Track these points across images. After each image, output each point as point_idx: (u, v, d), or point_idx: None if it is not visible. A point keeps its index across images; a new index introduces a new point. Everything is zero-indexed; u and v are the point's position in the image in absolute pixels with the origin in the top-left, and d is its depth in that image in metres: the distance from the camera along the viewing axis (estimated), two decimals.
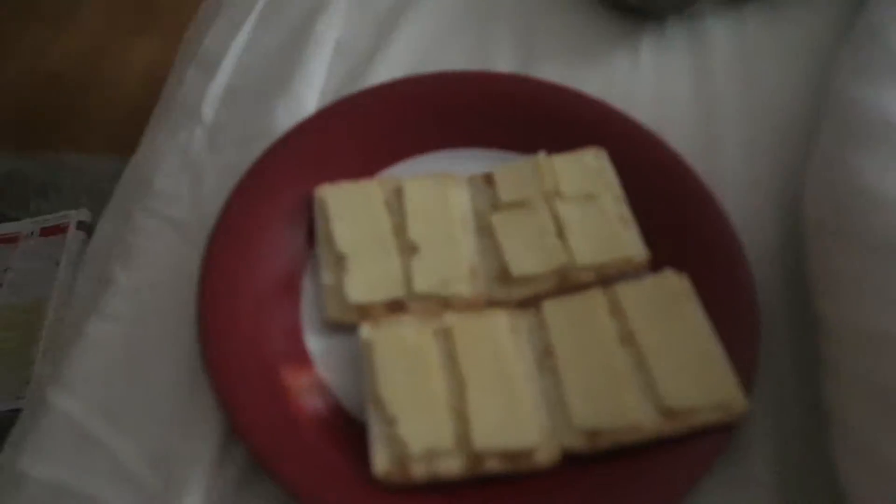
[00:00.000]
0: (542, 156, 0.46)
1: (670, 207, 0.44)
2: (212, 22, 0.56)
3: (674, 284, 0.41)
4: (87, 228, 0.99)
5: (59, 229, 0.99)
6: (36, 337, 0.87)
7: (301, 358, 0.39)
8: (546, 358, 0.39)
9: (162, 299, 0.42)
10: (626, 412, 0.36)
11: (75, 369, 0.40)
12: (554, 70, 0.51)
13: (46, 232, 0.99)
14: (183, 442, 0.37)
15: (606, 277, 0.42)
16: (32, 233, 0.99)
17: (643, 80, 0.52)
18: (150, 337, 0.41)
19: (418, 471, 0.35)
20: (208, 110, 0.50)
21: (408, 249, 0.43)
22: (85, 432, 0.38)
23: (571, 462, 0.36)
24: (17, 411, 0.79)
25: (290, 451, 0.35)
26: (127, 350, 0.41)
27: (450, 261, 0.42)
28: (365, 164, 0.46)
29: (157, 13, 1.41)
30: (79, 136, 1.22)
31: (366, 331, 0.39)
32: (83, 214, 0.99)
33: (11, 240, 0.99)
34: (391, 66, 0.52)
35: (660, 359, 0.38)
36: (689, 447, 0.36)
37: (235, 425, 0.35)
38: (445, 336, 0.39)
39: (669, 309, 0.40)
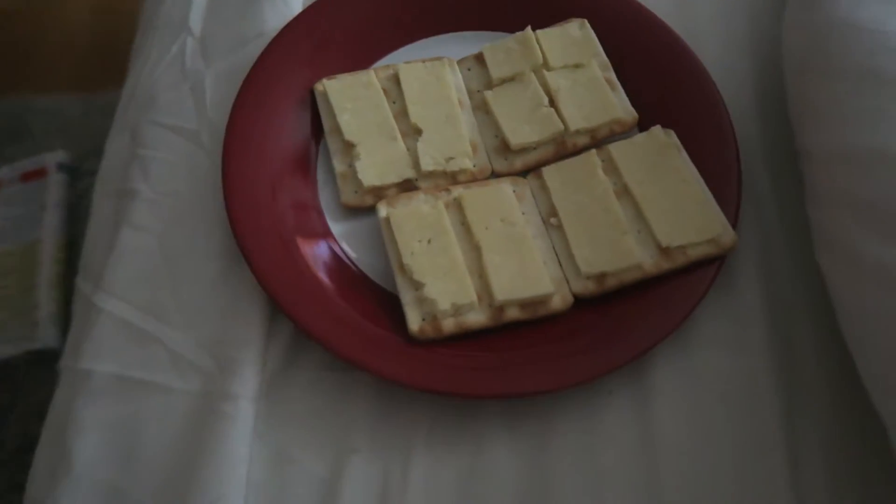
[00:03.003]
0: (528, 31, 0.47)
1: (653, 69, 0.47)
2: None
3: (662, 139, 0.44)
4: (68, 170, 1.00)
5: (39, 173, 0.99)
6: (34, 282, 0.89)
7: (329, 239, 0.43)
8: (551, 218, 0.43)
9: (186, 203, 0.45)
10: (628, 255, 0.40)
11: (116, 276, 0.43)
12: None
13: (26, 177, 0.99)
14: (231, 325, 0.40)
15: (599, 139, 0.45)
16: (12, 179, 0.99)
17: None
18: (182, 238, 0.43)
19: (448, 325, 0.39)
20: (196, 20, 0.51)
21: (411, 132, 0.45)
22: (137, 329, 0.41)
23: (583, 305, 0.41)
24: (30, 353, 0.83)
25: (333, 322, 0.39)
26: (163, 253, 0.43)
27: (452, 139, 0.45)
28: (360, 56, 0.48)
29: None
30: (41, 77, 1.20)
31: (383, 209, 0.42)
32: (61, 156, 0.99)
33: None
34: None
35: (653, 206, 0.42)
36: (686, 279, 0.40)
37: (280, 303, 0.39)
38: (456, 206, 0.42)
39: (659, 161, 0.43)
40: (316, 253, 0.42)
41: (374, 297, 0.41)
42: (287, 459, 0.38)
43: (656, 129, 0.44)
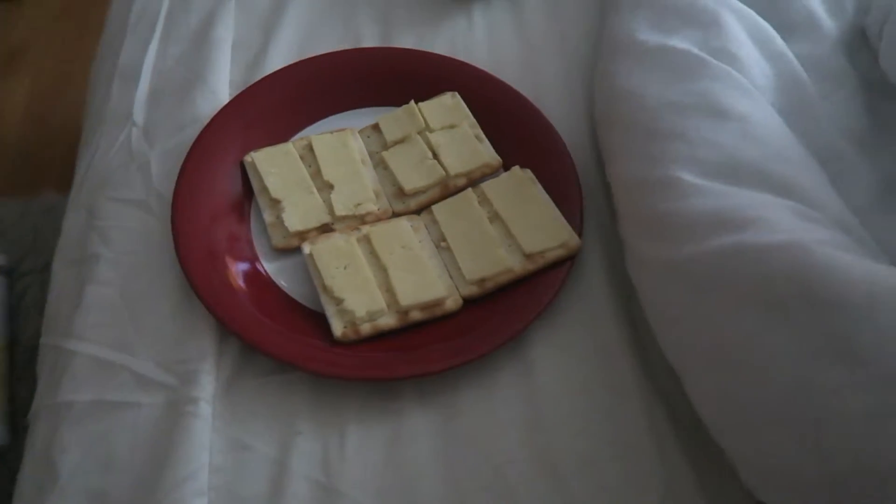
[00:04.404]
0: (412, 104, 0.61)
1: (510, 123, 0.60)
2: (121, 42, 0.67)
3: (521, 176, 0.57)
4: (6, 272, 1.05)
5: None
6: None
7: (264, 275, 0.53)
8: (441, 242, 0.54)
9: (142, 259, 0.54)
10: (501, 262, 0.52)
11: (84, 324, 0.51)
12: (409, 39, 0.67)
13: None
14: (186, 347, 0.49)
15: (474, 180, 0.58)
16: None
17: (478, 36, 0.68)
18: (140, 286, 0.52)
19: (365, 328, 0.49)
20: (139, 113, 0.61)
21: (325, 187, 0.57)
22: (107, 363, 0.49)
23: (471, 304, 0.52)
24: None
25: (273, 335, 0.49)
26: (124, 300, 0.52)
27: (358, 189, 0.56)
28: (279, 133, 0.60)
29: (21, 56, 1.45)
30: None
31: (307, 247, 0.53)
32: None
33: None
34: (282, 55, 0.65)
35: (518, 224, 0.54)
36: (547, 276, 0.52)
37: (227, 325, 0.48)
38: (366, 240, 0.54)
39: (520, 192, 0.56)
40: (254, 286, 0.52)
41: (303, 316, 0.51)
42: (241, 447, 0.46)
43: (516, 169, 0.57)
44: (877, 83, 0.58)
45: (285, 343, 0.49)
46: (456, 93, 0.62)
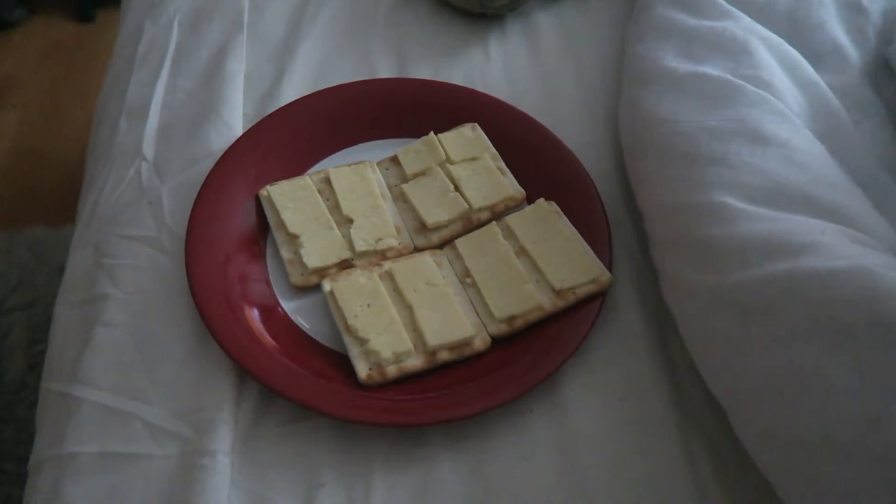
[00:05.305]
0: (431, 135, 0.59)
1: (532, 155, 0.59)
2: (128, 77, 0.65)
3: (546, 208, 0.55)
4: None
5: None
6: None
7: (283, 314, 0.50)
8: (466, 278, 0.52)
9: (153, 299, 0.51)
10: (530, 299, 0.50)
11: (91, 368, 0.48)
12: (425, 70, 0.65)
13: None
14: (203, 394, 0.46)
15: (497, 214, 0.56)
16: None
17: (495, 67, 0.67)
18: (152, 328, 0.50)
19: (391, 371, 0.47)
20: (148, 148, 0.59)
21: (344, 222, 0.54)
22: (116, 411, 0.46)
23: (500, 343, 0.49)
24: None
25: (294, 380, 0.46)
26: (135, 343, 0.49)
27: (379, 224, 0.54)
28: (295, 166, 0.58)
29: (10, 89, 1.45)
30: None
31: (327, 284, 0.50)
32: None
33: None
34: (296, 87, 0.63)
35: (545, 259, 0.52)
36: (578, 312, 0.50)
37: (246, 368, 0.46)
38: (388, 277, 0.51)
39: (546, 225, 0.54)
40: (272, 326, 0.49)
41: (325, 357, 0.49)
42: (262, 501, 0.43)
43: (541, 201, 0.55)
44: None
45: (307, 387, 0.46)
46: (476, 124, 0.60)
